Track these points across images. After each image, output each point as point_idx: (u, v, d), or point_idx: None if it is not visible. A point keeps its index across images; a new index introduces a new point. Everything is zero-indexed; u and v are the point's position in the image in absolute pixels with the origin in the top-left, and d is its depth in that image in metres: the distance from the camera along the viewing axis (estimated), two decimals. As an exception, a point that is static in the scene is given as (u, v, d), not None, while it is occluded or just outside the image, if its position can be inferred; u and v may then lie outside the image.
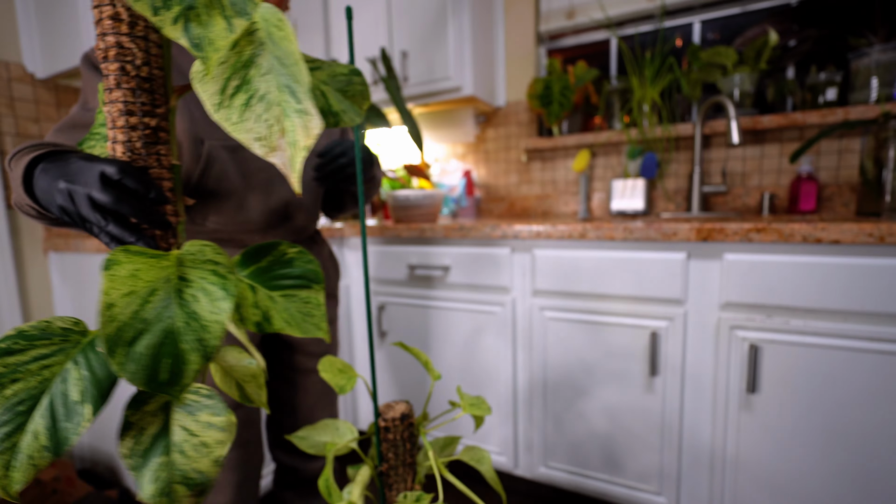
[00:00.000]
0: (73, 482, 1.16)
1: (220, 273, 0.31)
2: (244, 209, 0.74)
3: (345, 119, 0.42)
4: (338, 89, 0.42)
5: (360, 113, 0.43)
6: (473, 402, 0.55)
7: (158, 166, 0.38)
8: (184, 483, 0.31)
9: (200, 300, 0.30)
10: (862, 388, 0.90)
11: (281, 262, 0.38)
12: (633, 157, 1.55)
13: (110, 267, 0.29)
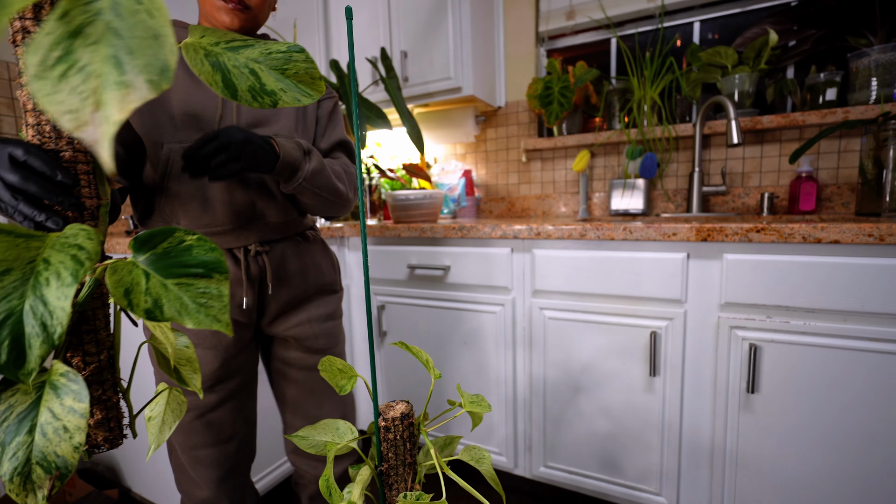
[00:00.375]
0: (74, 482, 1.16)
1: (79, 259, 0.30)
2: (209, 210, 0.74)
3: (285, 98, 0.40)
4: (274, 68, 0.41)
5: (307, 92, 0.42)
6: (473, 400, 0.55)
7: (72, 150, 0.38)
8: (42, 464, 0.31)
9: (51, 284, 0.29)
10: (862, 388, 0.90)
11: (177, 248, 0.36)
12: (633, 157, 1.55)
13: None
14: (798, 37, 1.38)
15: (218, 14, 0.72)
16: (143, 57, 0.26)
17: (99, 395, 0.42)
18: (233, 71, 0.39)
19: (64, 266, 0.29)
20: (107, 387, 0.42)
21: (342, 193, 0.82)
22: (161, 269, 0.35)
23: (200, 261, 0.36)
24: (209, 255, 0.36)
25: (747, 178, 1.48)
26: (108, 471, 1.33)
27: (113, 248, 1.10)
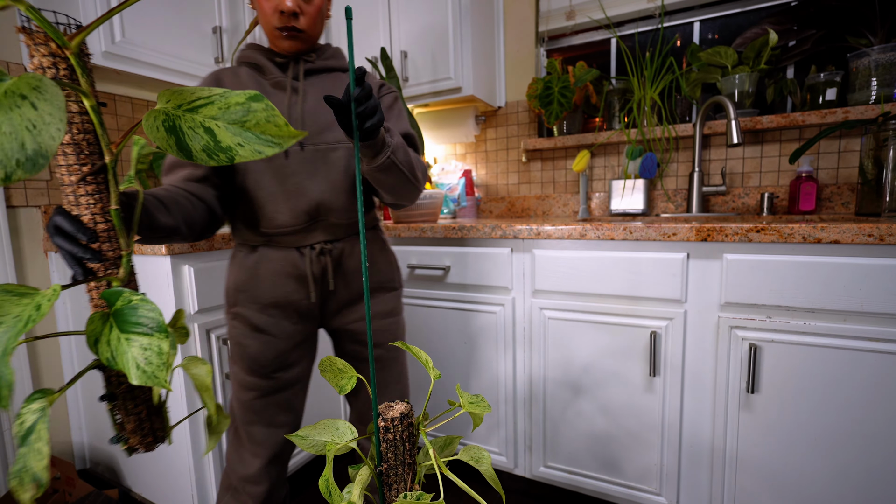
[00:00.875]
0: (74, 482, 1.16)
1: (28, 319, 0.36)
2: (280, 213, 0.81)
3: (242, 153, 0.41)
4: (232, 122, 0.42)
5: (271, 141, 0.42)
6: (473, 400, 0.55)
7: (90, 213, 0.47)
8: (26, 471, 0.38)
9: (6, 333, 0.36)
10: (862, 388, 0.90)
11: (129, 306, 0.42)
12: (633, 157, 1.55)
13: None
14: (798, 37, 1.38)
15: (277, 41, 0.82)
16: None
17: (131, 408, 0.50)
18: (187, 132, 0.41)
19: (18, 323, 0.36)
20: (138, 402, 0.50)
21: (418, 176, 0.84)
22: (120, 323, 0.40)
23: (146, 318, 0.41)
24: (151, 314, 0.41)
25: (747, 178, 1.48)
26: (108, 471, 1.33)
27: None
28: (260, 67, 0.85)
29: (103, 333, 0.40)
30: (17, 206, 1.24)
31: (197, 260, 1.08)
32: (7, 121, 0.32)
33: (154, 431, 0.51)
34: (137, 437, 0.49)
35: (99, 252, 0.47)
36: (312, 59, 0.86)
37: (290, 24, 0.79)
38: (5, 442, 1.22)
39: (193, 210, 0.76)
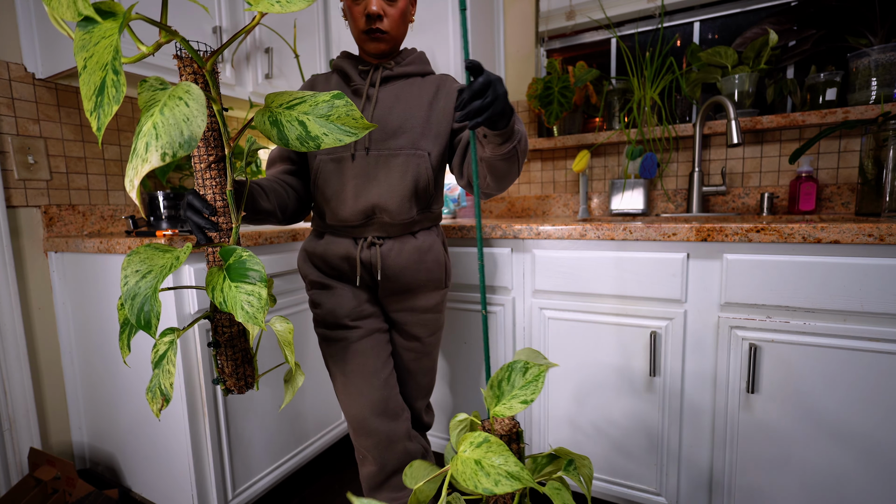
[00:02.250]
0: (74, 482, 1.16)
1: (170, 266, 0.50)
2: (343, 209, 0.92)
3: (327, 140, 0.54)
4: (320, 115, 0.54)
5: (349, 131, 0.54)
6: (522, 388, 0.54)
7: (212, 193, 0.64)
8: (159, 389, 0.54)
9: (149, 278, 0.50)
10: (862, 388, 0.90)
11: (240, 261, 0.54)
12: (633, 157, 1.55)
13: (133, 254, 0.51)
14: (798, 37, 1.38)
15: (364, 44, 0.92)
16: (166, 138, 0.44)
17: (230, 354, 0.61)
18: (285, 125, 0.54)
19: (163, 270, 0.50)
20: (236, 350, 0.62)
21: (520, 159, 0.86)
22: (231, 275, 0.53)
23: (250, 269, 0.53)
24: (256, 268, 0.53)
25: (747, 178, 1.48)
26: (108, 471, 1.33)
27: (113, 247, 1.10)
28: (346, 75, 0.97)
29: (217, 283, 0.52)
30: (17, 206, 1.24)
31: (197, 260, 1.08)
32: (171, 115, 0.44)
33: (246, 377, 0.61)
34: (233, 381, 0.61)
35: (217, 224, 0.63)
36: (391, 66, 0.95)
37: (374, 26, 0.88)
38: (5, 442, 1.22)
39: (287, 198, 0.92)
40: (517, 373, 0.53)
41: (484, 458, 0.45)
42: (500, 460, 0.45)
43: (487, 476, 0.44)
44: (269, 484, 1.29)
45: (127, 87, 1.43)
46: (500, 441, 0.46)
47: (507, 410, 0.51)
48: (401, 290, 0.97)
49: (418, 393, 1.06)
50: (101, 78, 0.41)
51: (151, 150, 0.43)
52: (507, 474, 0.44)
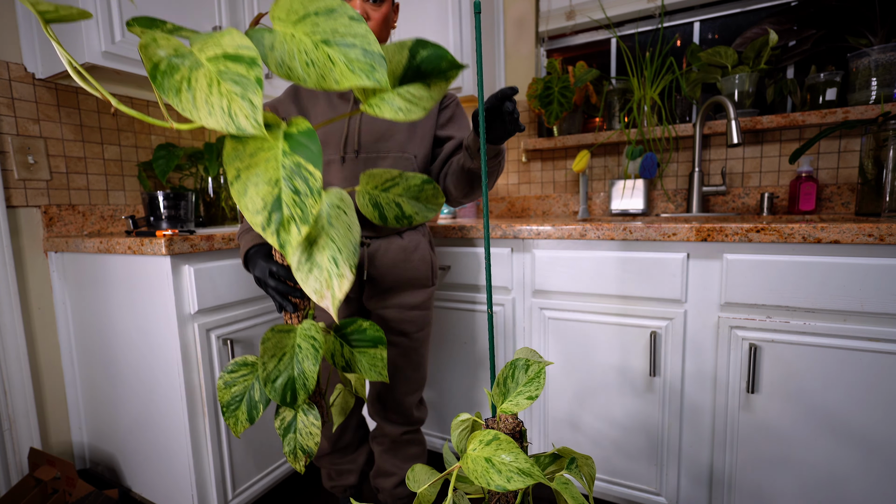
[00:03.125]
0: (74, 482, 1.16)
1: (315, 346, 0.57)
2: None
3: (417, 218, 0.62)
4: (412, 197, 0.62)
5: (433, 209, 0.64)
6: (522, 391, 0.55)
7: (281, 254, 0.70)
8: (301, 450, 0.60)
9: (304, 360, 0.56)
10: (862, 388, 0.90)
11: (359, 331, 0.63)
12: (633, 157, 1.55)
13: (265, 341, 0.56)
14: (798, 37, 1.38)
15: None
16: (346, 251, 0.49)
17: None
18: (384, 206, 0.61)
19: (309, 350, 0.57)
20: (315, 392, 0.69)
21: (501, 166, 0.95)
22: (353, 343, 0.63)
23: (372, 337, 0.63)
24: (376, 335, 0.62)
25: (747, 178, 1.48)
26: (108, 471, 1.33)
27: (113, 247, 1.10)
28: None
29: (336, 349, 0.63)
30: (17, 206, 1.24)
31: (197, 260, 1.08)
32: (339, 224, 0.51)
33: (323, 412, 0.69)
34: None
35: (298, 288, 0.68)
36: None
37: None
38: (5, 442, 1.22)
39: None
40: (520, 370, 0.53)
41: (494, 456, 0.46)
42: (510, 457, 0.45)
43: (499, 473, 0.44)
44: (269, 484, 1.29)
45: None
46: (509, 438, 0.46)
47: (514, 407, 0.51)
48: (388, 288, 1.00)
49: (408, 388, 1.07)
50: (274, 195, 0.42)
51: (342, 264, 0.49)
52: (519, 471, 0.44)
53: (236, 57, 0.39)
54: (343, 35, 0.41)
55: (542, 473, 0.44)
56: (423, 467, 0.58)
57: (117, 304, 1.17)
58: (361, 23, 0.41)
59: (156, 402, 1.14)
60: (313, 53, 0.41)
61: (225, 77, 0.39)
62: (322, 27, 0.41)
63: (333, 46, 0.41)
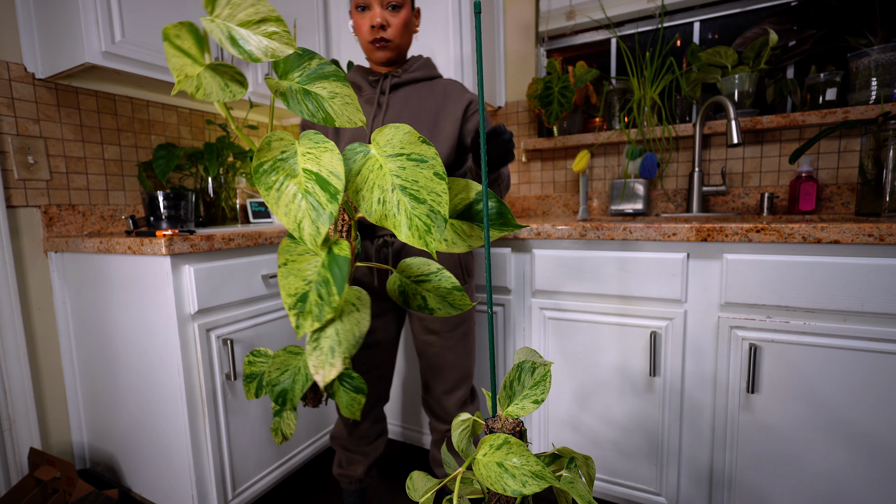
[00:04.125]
0: (74, 482, 1.16)
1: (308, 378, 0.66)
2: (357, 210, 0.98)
3: (441, 312, 0.64)
4: (439, 297, 0.64)
5: (458, 308, 0.64)
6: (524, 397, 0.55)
7: None
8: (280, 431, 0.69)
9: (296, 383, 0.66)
10: (862, 388, 0.90)
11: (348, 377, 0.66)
12: (633, 157, 1.55)
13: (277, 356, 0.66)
14: (798, 37, 1.38)
15: (371, 53, 0.99)
16: (346, 344, 0.54)
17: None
18: (410, 296, 0.65)
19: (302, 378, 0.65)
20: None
21: (502, 192, 1.02)
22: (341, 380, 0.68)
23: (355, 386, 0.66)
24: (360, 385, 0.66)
25: (747, 178, 1.48)
26: (108, 471, 1.33)
27: (113, 247, 1.10)
28: (358, 87, 1.04)
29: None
30: (17, 206, 1.24)
31: (197, 260, 1.08)
32: (349, 320, 0.57)
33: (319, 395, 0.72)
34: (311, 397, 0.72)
35: None
36: (399, 73, 1.02)
37: (378, 36, 0.96)
38: (5, 442, 1.22)
39: None
40: (526, 373, 0.53)
41: (506, 460, 0.46)
42: (521, 461, 0.45)
43: (513, 478, 0.44)
44: (269, 484, 1.29)
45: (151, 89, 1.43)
46: (519, 441, 0.46)
47: (521, 411, 0.51)
48: None
49: (447, 387, 1.07)
50: (304, 291, 0.51)
51: (337, 355, 0.53)
52: (532, 474, 0.44)
53: (324, 183, 0.47)
54: (420, 188, 0.48)
55: (553, 476, 0.44)
56: (421, 474, 0.58)
57: (117, 304, 1.17)
58: (443, 182, 0.47)
59: (156, 402, 1.14)
60: (387, 195, 0.49)
61: (308, 199, 0.47)
62: (407, 172, 0.49)
63: (407, 195, 0.48)
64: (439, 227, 0.47)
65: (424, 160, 0.49)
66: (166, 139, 1.59)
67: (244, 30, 0.46)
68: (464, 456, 0.58)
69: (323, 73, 0.53)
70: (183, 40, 0.47)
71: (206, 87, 0.46)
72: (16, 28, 1.23)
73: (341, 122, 0.52)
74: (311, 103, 0.52)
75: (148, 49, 1.23)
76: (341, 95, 0.53)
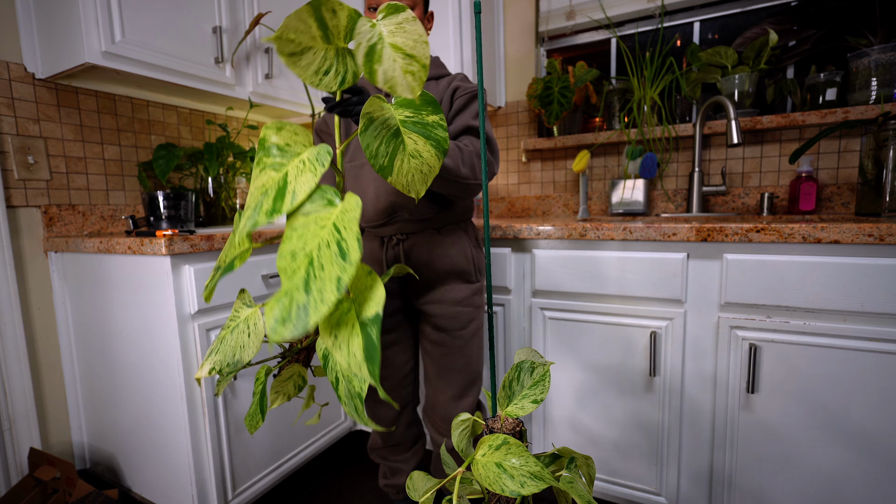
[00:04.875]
0: (74, 482, 1.16)
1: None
2: (367, 210, 0.99)
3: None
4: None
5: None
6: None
7: None
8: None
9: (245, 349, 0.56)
10: (862, 388, 0.90)
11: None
12: (633, 157, 1.55)
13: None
14: (798, 37, 1.38)
15: None
16: (220, 356, 0.52)
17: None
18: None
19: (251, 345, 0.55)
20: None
21: (450, 168, 0.86)
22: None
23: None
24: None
25: (747, 178, 1.48)
26: (108, 471, 1.33)
27: (113, 247, 1.10)
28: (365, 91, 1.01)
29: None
30: (17, 206, 1.24)
31: (197, 260, 1.08)
32: (232, 339, 0.52)
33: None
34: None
35: None
36: None
37: None
38: (5, 442, 1.22)
39: None
40: (525, 372, 0.53)
41: (504, 461, 0.45)
42: (520, 461, 0.45)
43: (512, 479, 0.44)
44: (269, 484, 1.29)
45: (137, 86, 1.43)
46: (518, 442, 0.46)
47: (520, 410, 0.51)
48: (427, 282, 1.01)
49: (454, 392, 1.04)
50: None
51: (208, 361, 0.51)
52: (531, 475, 0.44)
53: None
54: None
55: (552, 476, 0.44)
56: (420, 474, 0.58)
57: (117, 304, 1.17)
58: None
59: (156, 402, 1.14)
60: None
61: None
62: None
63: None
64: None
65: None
66: (166, 139, 1.59)
67: (391, 50, 0.45)
68: (463, 456, 0.58)
69: (428, 133, 0.53)
70: (331, 17, 0.44)
71: (328, 66, 0.45)
72: (16, 28, 1.23)
73: (394, 180, 0.52)
74: (384, 146, 0.50)
75: (148, 49, 1.23)
76: (421, 163, 0.52)
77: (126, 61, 1.19)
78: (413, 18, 0.46)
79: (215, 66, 1.41)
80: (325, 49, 0.45)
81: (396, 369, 1.09)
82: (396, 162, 0.52)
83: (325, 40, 0.44)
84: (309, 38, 0.43)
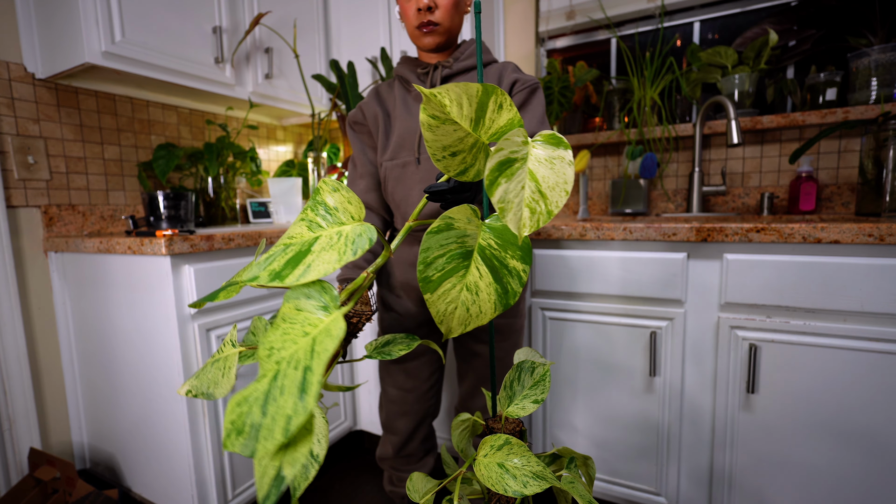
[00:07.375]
0: (74, 482, 1.16)
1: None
2: (411, 211, 0.95)
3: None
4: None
5: None
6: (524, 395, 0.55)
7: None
8: None
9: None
10: (862, 388, 0.90)
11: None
12: (633, 157, 1.55)
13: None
14: (798, 37, 1.38)
15: (418, 39, 0.90)
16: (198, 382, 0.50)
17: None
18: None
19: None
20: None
21: None
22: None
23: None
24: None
25: (747, 178, 1.48)
26: (108, 471, 1.33)
27: (113, 247, 1.10)
28: (407, 81, 0.96)
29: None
30: (17, 206, 1.24)
31: (197, 260, 1.08)
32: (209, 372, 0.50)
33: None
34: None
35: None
36: (450, 63, 0.92)
37: (426, 20, 0.86)
38: (5, 442, 1.22)
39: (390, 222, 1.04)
40: (526, 373, 0.53)
41: (506, 461, 0.45)
42: (522, 461, 0.45)
43: (514, 479, 0.44)
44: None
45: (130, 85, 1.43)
46: (520, 442, 0.46)
47: (521, 411, 0.51)
48: None
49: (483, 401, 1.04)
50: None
51: (188, 383, 0.50)
52: (533, 475, 0.44)
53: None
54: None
55: (554, 476, 0.44)
56: (420, 475, 0.58)
57: (117, 304, 1.17)
58: None
59: (156, 402, 1.14)
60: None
61: None
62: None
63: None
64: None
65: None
66: (166, 139, 1.59)
67: (527, 175, 0.41)
68: (463, 456, 0.58)
69: (500, 276, 0.47)
70: (494, 110, 0.41)
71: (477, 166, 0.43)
72: (16, 28, 1.23)
73: (431, 300, 0.45)
74: (444, 260, 0.45)
75: (148, 49, 1.23)
76: (472, 300, 0.46)
77: (126, 61, 1.19)
78: (570, 164, 0.41)
79: (215, 66, 1.41)
80: (466, 134, 0.41)
81: (421, 382, 1.05)
82: (447, 284, 0.45)
83: (473, 126, 0.41)
84: (460, 114, 0.39)
